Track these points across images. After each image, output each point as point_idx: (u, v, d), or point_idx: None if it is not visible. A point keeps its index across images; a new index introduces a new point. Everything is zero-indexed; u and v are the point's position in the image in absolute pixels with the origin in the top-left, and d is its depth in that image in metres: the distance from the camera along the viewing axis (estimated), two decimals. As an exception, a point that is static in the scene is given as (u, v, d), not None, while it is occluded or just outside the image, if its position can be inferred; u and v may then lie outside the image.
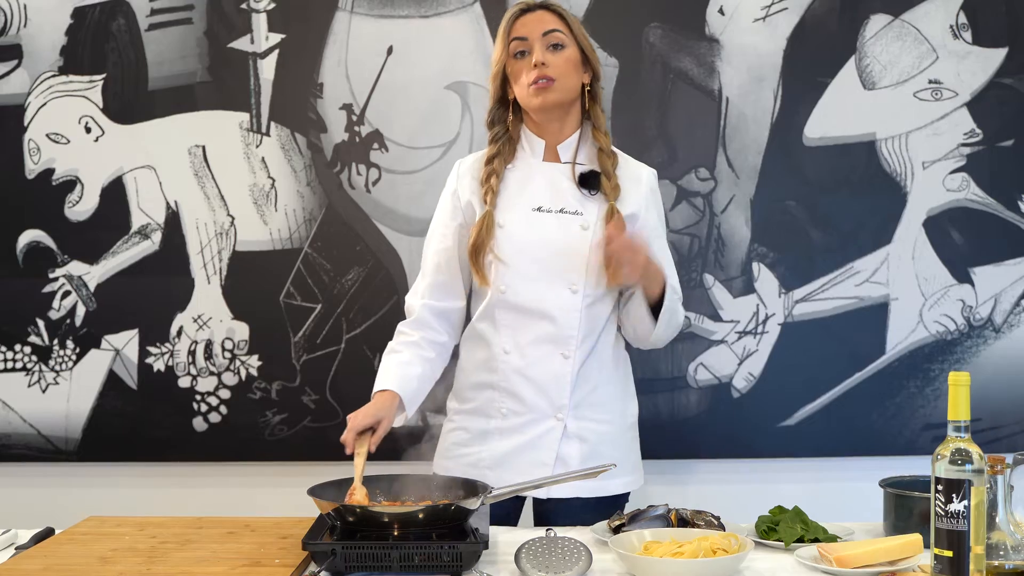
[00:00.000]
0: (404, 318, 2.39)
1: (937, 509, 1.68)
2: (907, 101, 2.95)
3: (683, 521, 2.05)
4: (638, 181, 2.34)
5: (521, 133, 2.36)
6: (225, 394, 3.01)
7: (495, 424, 2.31)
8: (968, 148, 2.96)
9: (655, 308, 2.28)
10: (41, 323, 3.01)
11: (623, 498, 2.36)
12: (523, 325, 2.28)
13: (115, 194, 3.00)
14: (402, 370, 2.29)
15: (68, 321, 3.00)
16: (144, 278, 3.00)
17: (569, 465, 2.27)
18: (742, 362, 2.97)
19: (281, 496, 2.76)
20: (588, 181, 2.30)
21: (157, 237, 3.00)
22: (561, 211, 2.28)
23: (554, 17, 2.30)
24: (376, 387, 2.27)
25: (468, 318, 2.39)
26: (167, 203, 3.00)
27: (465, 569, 1.83)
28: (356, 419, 2.17)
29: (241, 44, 2.98)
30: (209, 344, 3.00)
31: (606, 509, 2.27)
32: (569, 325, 2.27)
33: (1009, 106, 2.95)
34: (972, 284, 2.97)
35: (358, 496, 2.02)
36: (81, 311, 3.00)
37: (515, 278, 2.27)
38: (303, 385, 2.99)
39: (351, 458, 2.79)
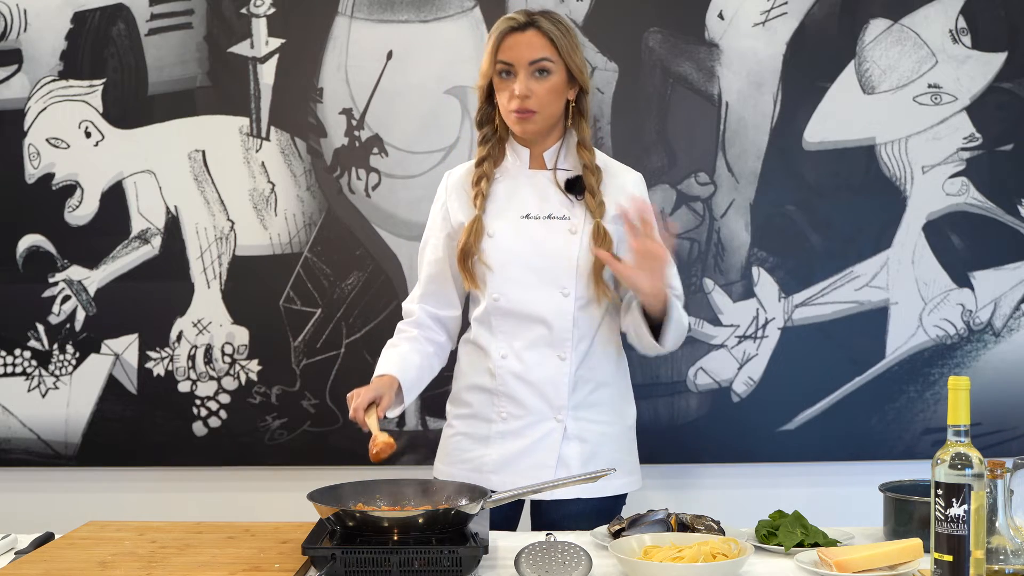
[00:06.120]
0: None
1: (937, 513, 1.68)
2: (907, 105, 2.95)
3: (683, 526, 2.04)
4: (622, 189, 2.34)
5: (508, 138, 2.38)
6: (225, 399, 3.01)
7: (496, 428, 2.33)
8: (968, 152, 2.96)
9: (654, 323, 2.26)
10: (41, 328, 3.01)
11: (621, 499, 2.37)
12: (519, 330, 2.31)
13: (115, 199, 3.00)
14: (401, 360, 2.32)
15: (68, 326, 3.00)
16: (144, 283, 3.00)
17: (570, 466, 2.29)
18: (742, 366, 2.97)
19: (281, 501, 2.76)
20: (574, 186, 2.32)
21: (157, 242, 3.00)
22: (549, 217, 2.30)
23: (542, 41, 2.26)
24: (377, 372, 2.30)
25: (467, 323, 2.40)
26: (167, 208, 3.00)
27: (465, 573, 1.83)
28: (360, 396, 2.18)
29: (241, 49, 2.98)
30: (209, 349, 3.00)
31: (605, 510, 2.28)
32: (563, 328, 2.29)
33: (1008, 110, 2.95)
34: (972, 288, 2.97)
35: (382, 439, 2.09)
36: (81, 316, 3.00)
37: (507, 285, 2.30)
38: (303, 390, 2.99)
39: (350, 462, 2.82)
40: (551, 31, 2.27)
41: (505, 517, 2.34)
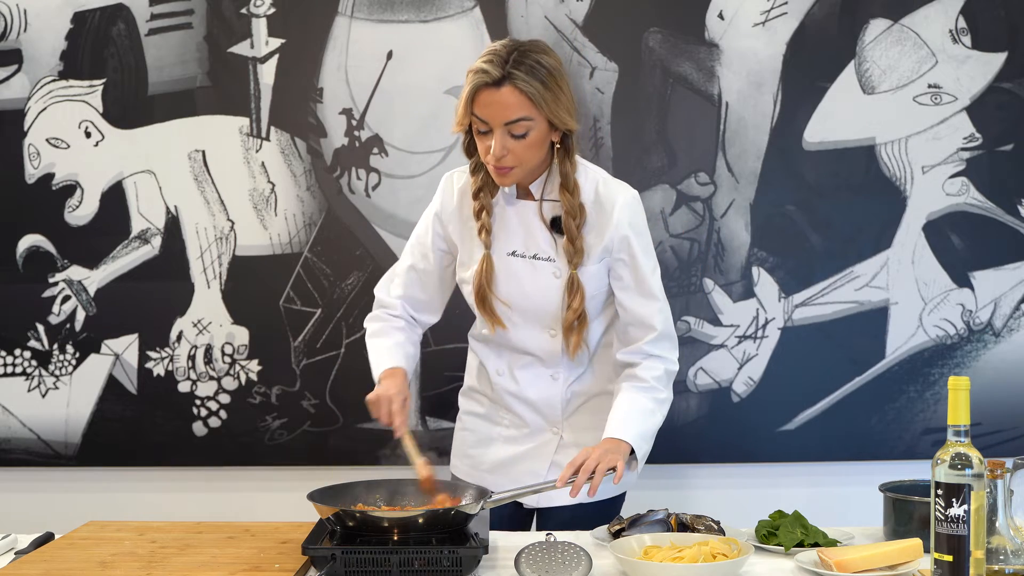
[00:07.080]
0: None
1: (937, 513, 1.68)
2: (907, 106, 2.95)
3: (683, 526, 2.05)
4: (610, 221, 2.22)
5: None
6: (225, 399, 3.00)
7: (499, 432, 2.37)
8: (968, 152, 2.96)
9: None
10: (41, 328, 3.01)
11: (620, 497, 2.39)
12: (512, 355, 2.33)
13: (115, 199, 3.00)
14: (402, 349, 2.32)
15: (68, 326, 3.00)
16: (144, 283, 2.99)
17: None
18: (742, 367, 2.97)
19: (281, 501, 2.76)
20: (558, 224, 2.24)
21: (157, 242, 3.00)
22: (535, 257, 2.25)
23: (519, 99, 2.09)
24: (383, 365, 2.28)
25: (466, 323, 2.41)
26: (167, 208, 3.00)
27: (465, 573, 1.83)
28: (394, 405, 2.16)
29: (241, 49, 2.98)
30: (209, 349, 3.00)
31: (606, 510, 2.29)
32: (554, 358, 2.30)
33: (1008, 110, 2.95)
34: (972, 288, 2.97)
35: (425, 473, 2.08)
36: (81, 316, 3.00)
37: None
38: (303, 390, 2.99)
39: (350, 462, 2.82)
40: (528, 88, 2.09)
41: (514, 522, 2.35)
